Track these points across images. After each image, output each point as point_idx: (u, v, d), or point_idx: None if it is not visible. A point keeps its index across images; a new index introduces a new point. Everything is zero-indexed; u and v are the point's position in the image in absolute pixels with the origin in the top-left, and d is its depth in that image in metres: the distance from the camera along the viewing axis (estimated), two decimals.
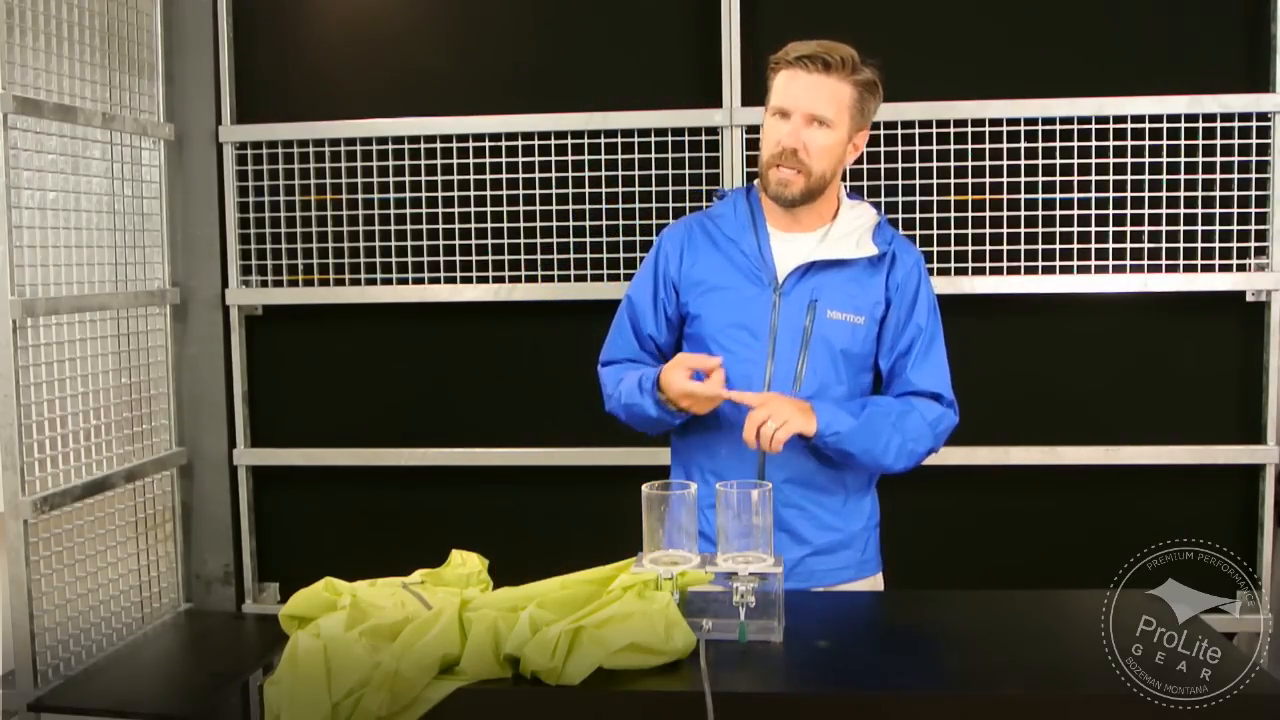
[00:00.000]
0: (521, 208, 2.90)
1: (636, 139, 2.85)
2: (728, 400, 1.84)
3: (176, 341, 3.01)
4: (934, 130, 2.80)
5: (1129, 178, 2.76)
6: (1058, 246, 2.78)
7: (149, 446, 2.93)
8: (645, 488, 1.53)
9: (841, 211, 1.97)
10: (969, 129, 2.79)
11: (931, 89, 2.79)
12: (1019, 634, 1.59)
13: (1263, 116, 2.73)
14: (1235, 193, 2.74)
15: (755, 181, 2.02)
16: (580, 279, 2.87)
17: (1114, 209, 2.77)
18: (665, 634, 1.39)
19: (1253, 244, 2.76)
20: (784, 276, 1.92)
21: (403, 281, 2.94)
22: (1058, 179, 2.78)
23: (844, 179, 2.75)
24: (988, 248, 2.79)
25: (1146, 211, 2.77)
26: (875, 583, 2.00)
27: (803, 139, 1.86)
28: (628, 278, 2.72)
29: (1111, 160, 2.76)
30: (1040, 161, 2.77)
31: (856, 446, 1.84)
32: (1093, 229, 2.78)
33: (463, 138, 2.90)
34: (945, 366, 1.97)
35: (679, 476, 2.00)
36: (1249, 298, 2.78)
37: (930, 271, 2.78)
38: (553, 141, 2.88)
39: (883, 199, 2.80)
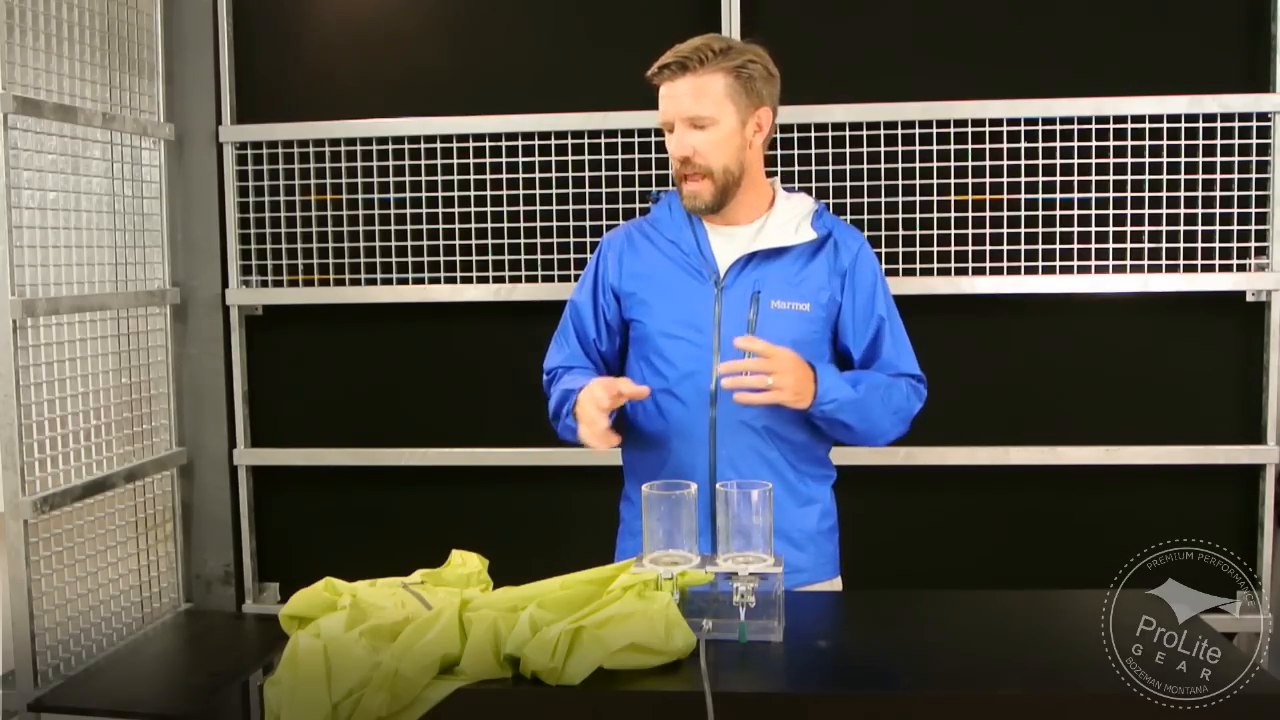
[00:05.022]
0: (521, 208, 2.90)
1: (636, 139, 2.85)
2: (678, 396, 1.88)
3: (176, 341, 3.01)
4: (934, 130, 2.80)
5: (1129, 178, 2.76)
6: (1058, 246, 2.78)
7: (149, 446, 2.93)
8: (645, 488, 1.53)
9: (778, 202, 1.96)
10: (969, 129, 2.79)
11: (932, 89, 2.79)
12: (1019, 634, 1.59)
13: (1263, 116, 2.73)
14: (1235, 193, 2.74)
15: None
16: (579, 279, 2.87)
17: (1114, 209, 2.78)
18: (665, 634, 1.39)
19: (1253, 244, 2.76)
20: (724, 270, 1.90)
21: (403, 281, 2.94)
22: (1058, 179, 2.78)
23: (856, 179, 2.80)
24: (988, 248, 2.80)
25: (1146, 211, 2.77)
26: (833, 585, 1.98)
27: (689, 144, 1.85)
28: None
29: (1111, 160, 2.76)
30: (1040, 161, 2.77)
31: (853, 418, 1.84)
32: (1093, 229, 2.78)
33: (463, 138, 2.90)
34: (909, 345, 1.98)
35: (632, 476, 1.99)
36: (1249, 298, 2.78)
37: (930, 272, 2.81)
38: (553, 141, 2.88)
39: (883, 199, 2.80)
